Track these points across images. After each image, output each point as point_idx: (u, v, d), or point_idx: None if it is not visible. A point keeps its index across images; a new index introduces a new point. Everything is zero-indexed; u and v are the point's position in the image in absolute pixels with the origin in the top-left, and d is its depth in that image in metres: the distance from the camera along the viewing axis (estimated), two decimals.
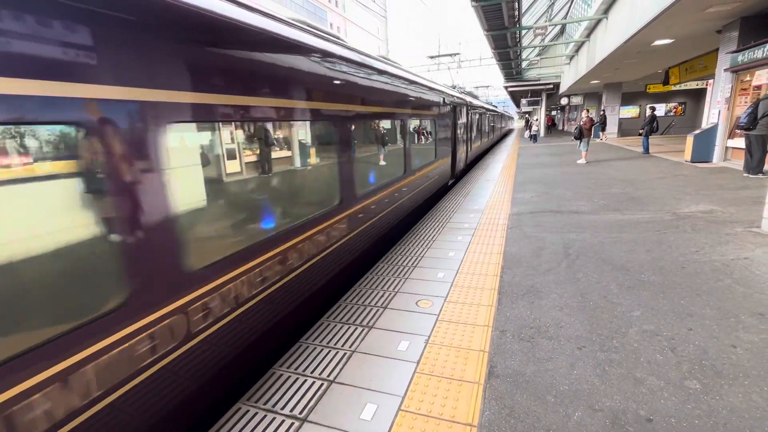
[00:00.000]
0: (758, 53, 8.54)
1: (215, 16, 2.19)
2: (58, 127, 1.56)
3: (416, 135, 7.07)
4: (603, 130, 22.15)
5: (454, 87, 15.08)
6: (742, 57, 9.14)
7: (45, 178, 1.58)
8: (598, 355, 2.55)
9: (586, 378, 2.33)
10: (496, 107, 30.77)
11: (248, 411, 2.22)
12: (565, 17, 22.48)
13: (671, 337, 2.71)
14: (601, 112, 23.03)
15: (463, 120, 11.52)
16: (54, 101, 1.43)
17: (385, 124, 5.52)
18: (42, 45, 1.39)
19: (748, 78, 9.56)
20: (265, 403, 2.27)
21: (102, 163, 1.62)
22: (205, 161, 2.41)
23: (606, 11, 13.26)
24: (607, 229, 5.23)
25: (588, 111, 13.20)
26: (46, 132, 1.55)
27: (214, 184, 2.49)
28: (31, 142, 1.52)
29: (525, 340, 2.78)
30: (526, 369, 2.45)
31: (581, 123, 12.72)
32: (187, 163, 2.26)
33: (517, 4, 12.99)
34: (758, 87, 9.21)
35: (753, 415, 1.97)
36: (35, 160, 1.54)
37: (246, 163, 2.76)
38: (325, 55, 3.39)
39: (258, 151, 2.89)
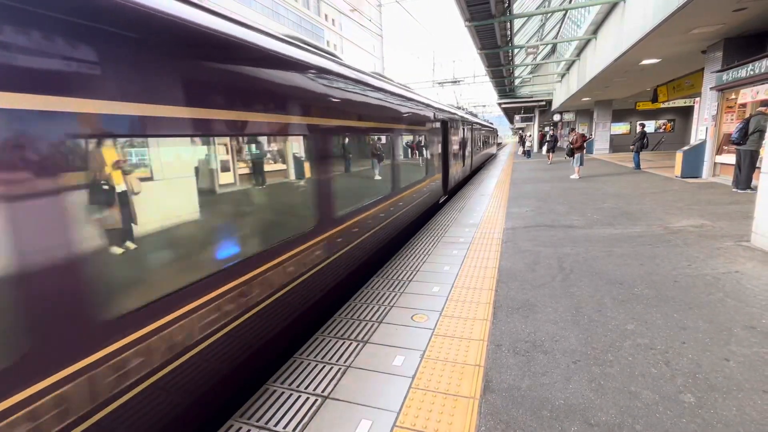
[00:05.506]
0: (742, 72, 8.82)
1: None
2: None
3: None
4: (551, 150, 19.95)
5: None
6: (727, 76, 9.44)
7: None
8: (593, 369, 2.55)
9: (582, 392, 2.32)
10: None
11: (241, 428, 2.18)
12: (555, 37, 23.15)
13: (665, 350, 2.72)
14: (551, 130, 21.52)
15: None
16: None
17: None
18: None
19: (733, 96, 9.85)
20: (258, 420, 2.24)
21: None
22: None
23: (595, 32, 13.69)
24: (600, 244, 5.29)
25: (575, 130, 13.57)
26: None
27: None
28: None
29: (520, 354, 2.78)
30: (522, 383, 2.44)
31: (571, 141, 13.02)
32: None
33: (509, 24, 13.38)
34: (743, 105, 9.49)
35: (747, 429, 1.97)
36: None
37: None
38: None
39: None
